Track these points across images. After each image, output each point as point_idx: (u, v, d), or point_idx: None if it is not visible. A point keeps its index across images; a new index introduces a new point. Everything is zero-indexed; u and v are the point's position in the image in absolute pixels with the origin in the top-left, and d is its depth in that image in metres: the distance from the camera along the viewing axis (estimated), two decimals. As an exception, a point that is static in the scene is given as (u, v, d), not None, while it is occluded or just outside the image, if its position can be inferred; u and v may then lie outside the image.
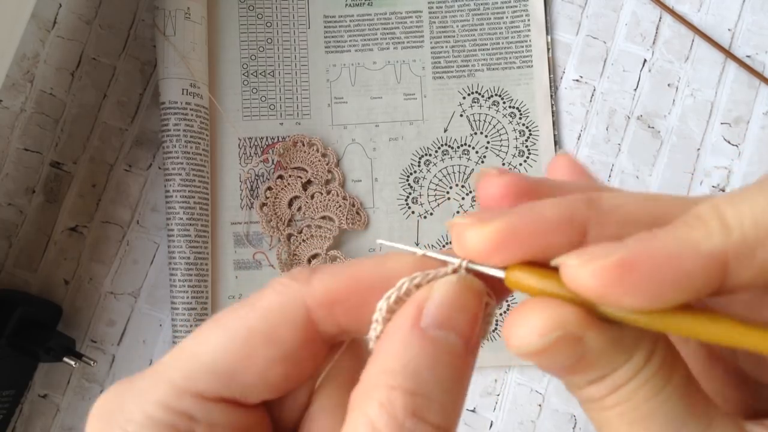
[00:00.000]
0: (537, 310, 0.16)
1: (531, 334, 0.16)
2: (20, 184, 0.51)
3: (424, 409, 0.16)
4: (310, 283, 0.18)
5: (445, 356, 0.16)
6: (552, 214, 0.16)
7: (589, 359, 0.16)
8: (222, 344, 0.17)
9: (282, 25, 0.53)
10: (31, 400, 0.50)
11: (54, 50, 0.52)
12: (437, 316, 0.17)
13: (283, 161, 0.51)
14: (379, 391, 0.16)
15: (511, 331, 0.16)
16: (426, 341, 0.16)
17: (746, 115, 0.51)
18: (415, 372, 0.16)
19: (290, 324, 0.18)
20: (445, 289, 0.17)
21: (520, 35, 0.52)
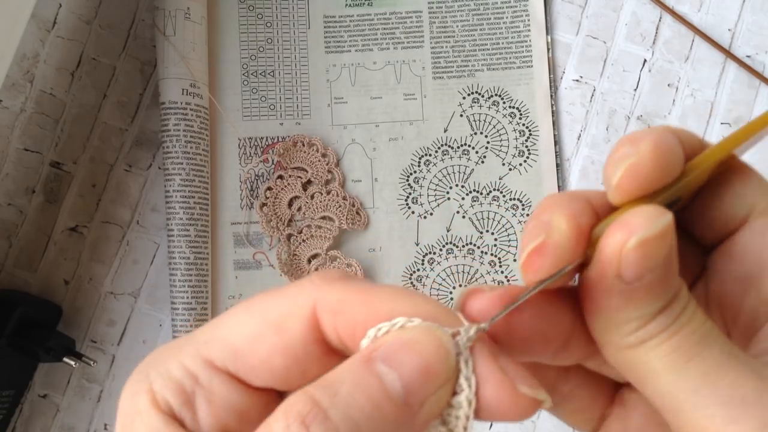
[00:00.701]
0: (642, 207, 0.17)
1: (651, 217, 0.17)
2: (20, 184, 0.51)
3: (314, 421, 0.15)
4: (330, 287, 0.18)
5: (373, 390, 0.15)
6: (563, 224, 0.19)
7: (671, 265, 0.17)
8: (241, 321, 0.18)
9: (282, 25, 0.53)
10: (31, 400, 0.50)
11: (54, 50, 0.52)
12: (386, 349, 0.16)
13: (283, 161, 0.51)
14: (296, 394, 0.16)
15: (629, 224, 0.17)
16: (364, 370, 0.16)
17: (746, 115, 0.51)
18: (332, 388, 0.15)
19: (297, 318, 0.18)
20: (402, 331, 0.16)
21: (520, 35, 0.52)
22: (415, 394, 0.15)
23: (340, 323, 0.18)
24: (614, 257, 0.17)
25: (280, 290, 0.19)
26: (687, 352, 0.17)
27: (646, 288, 0.17)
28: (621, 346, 0.18)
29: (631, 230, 0.17)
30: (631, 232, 0.17)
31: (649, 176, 0.18)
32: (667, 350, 0.17)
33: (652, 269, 0.17)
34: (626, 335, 0.18)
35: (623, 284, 0.17)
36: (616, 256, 0.17)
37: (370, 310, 0.17)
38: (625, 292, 0.17)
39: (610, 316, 0.18)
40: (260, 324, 0.18)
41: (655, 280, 0.17)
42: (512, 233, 0.51)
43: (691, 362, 0.17)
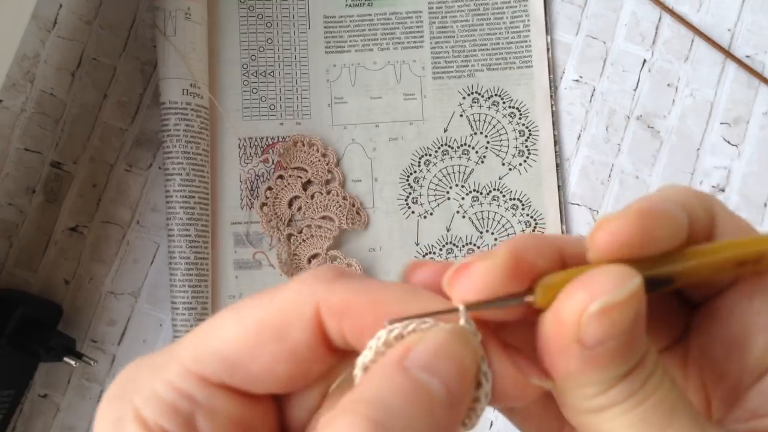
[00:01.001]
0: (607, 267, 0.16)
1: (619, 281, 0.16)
2: (20, 184, 0.51)
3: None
4: (330, 288, 0.18)
5: (422, 399, 0.16)
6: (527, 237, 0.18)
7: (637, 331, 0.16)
8: (233, 332, 0.17)
9: (282, 26, 0.53)
10: (31, 400, 0.50)
11: (54, 50, 0.52)
12: (422, 358, 0.16)
13: (283, 161, 0.51)
14: (345, 416, 0.15)
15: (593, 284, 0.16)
16: (405, 379, 0.16)
17: (746, 115, 0.51)
18: (386, 405, 0.15)
19: (300, 324, 0.17)
20: (436, 334, 0.17)
21: (519, 35, 0.52)
22: (458, 396, 0.16)
23: (347, 326, 0.17)
24: (572, 320, 0.16)
25: (271, 293, 0.18)
26: (653, 424, 0.16)
27: (608, 353, 0.16)
28: (580, 410, 0.17)
29: (594, 293, 0.16)
30: (593, 295, 0.16)
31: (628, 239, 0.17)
32: (630, 420, 0.16)
33: (615, 336, 0.16)
34: (585, 399, 0.17)
35: (582, 348, 0.16)
36: (574, 319, 0.16)
37: (378, 312, 0.17)
38: (584, 355, 0.16)
39: (567, 377, 0.17)
40: (257, 332, 0.17)
41: (619, 345, 0.16)
42: (512, 233, 0.51)
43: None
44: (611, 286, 0.16)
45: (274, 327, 0.17)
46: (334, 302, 0.17)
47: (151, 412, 0.17)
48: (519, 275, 0.17)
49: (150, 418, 0.17)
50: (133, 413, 0.17)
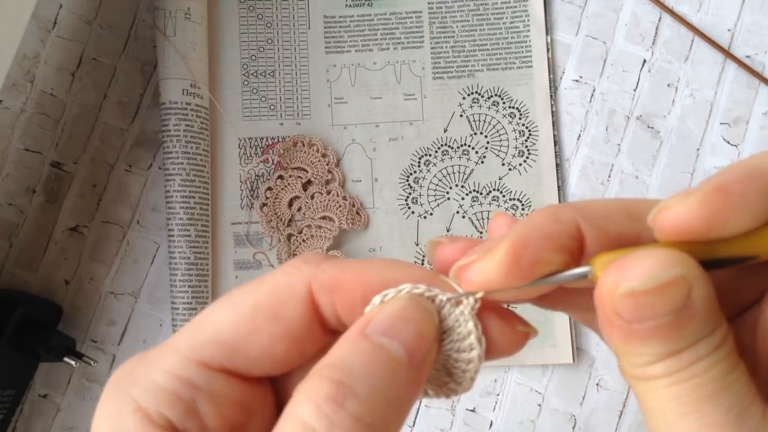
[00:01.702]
0: (655, 251, 0.16)
1: (652, 268, 0.16)
2: (21, 184, 0.51)
3: (346, 398, 0.16)
4: (319, 268, 0.19)
5: (383, 359, 0.17)
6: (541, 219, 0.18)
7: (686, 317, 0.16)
8: (229, 317, 0.18)
9: (282, 26, 0.53)
10: (31, 400, 0.50)
11: (54, 50, 0.52)
12: (381, 323, 0.17)
13: (283, 161, 0.51)
14: (312, 379, 0.16)
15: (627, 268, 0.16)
16: (366, 343, 0.17)
17: (746, 116, 0.51)
18: (347, 367, 0.16)
19: (294, 303, 0.18)
20: (393, 302, 0.18)
21: (519, 35, 0.52)
22: (416, 355, 0.17)
23: (339, 300, 0.18)
24: (608, 298, 0.16)
25: (262, 278, 0.19)
26: (687, 405, 0.16)
27: (649, 332, 0.16)
28: (627, 373, 0.18)
29: (625, 276, 0.16)
30: (623, 278, 0.16)
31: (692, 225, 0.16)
32: (667, 396, 0.16)
33: (653, 317, 0.16)
34: (631, 366, 0.17)
35: (623, 322, 0.16)
36: (609, 297, 0.16)
37: (366, 283, 0.18)
38: (625, 328, 0.16)
39: (615, 344, 0.17)
40: (253, 315, 0.18)
41: (662, 326, 0.16)
42: (512, 233, 0.51)
43: (688, 416, 0.16)
44: (644, 273, 0.16)
45: (269, 308, 0.18)
46: (325, 279, 0.18)
47: (151, 402, 0.17)
48: (519, 271, 0.17)
49: (150, 407, 0.17)
50: (131, 405, 0.17)
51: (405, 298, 0.18)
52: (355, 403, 0.16)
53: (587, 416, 0.49)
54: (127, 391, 0.17)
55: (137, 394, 0.17)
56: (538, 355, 0.49)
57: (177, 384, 0.17)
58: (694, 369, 0.16)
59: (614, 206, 0.18)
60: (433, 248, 0.20)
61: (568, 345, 0.49)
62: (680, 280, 0.16)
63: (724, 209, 0.16)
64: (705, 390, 0.16)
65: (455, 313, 0.18)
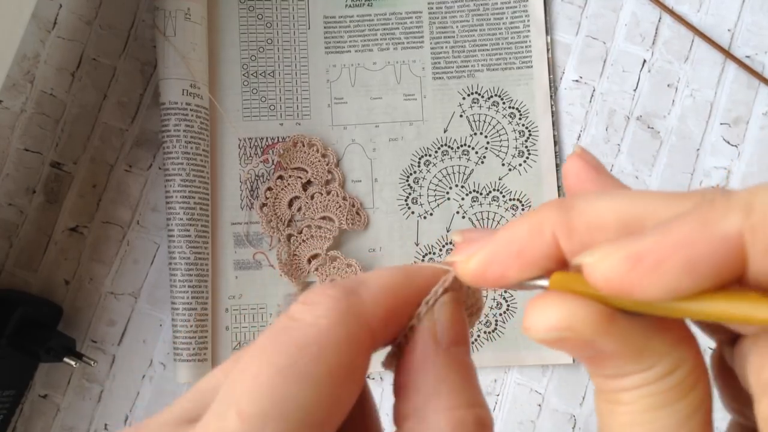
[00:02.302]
0: (553, 304, 0.16)
1: (542, 326, 0.16)
2: (21, 184, 0.51)
3: (485, 416, 0.17)
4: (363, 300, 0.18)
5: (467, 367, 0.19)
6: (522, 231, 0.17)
7: (602, 359, 0.16)
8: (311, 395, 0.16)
9: (282, 26, 0.53)
10: (31, 400, 0.50)
11: (54, 51, 0.52)
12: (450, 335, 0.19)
13: (283, 162, 0.51)
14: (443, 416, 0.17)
15: (529, 316, 0.17)
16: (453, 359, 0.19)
17: (746, 116, 0.51)
18: (461, 388, 0.18)
19: (364, 352, 0.17)
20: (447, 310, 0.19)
21: (519, 36, 0.52)
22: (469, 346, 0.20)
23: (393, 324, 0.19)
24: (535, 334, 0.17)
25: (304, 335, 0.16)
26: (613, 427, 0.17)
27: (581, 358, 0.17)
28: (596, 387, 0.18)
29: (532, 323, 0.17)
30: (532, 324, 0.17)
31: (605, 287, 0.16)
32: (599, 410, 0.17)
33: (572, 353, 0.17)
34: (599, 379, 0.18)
35: None
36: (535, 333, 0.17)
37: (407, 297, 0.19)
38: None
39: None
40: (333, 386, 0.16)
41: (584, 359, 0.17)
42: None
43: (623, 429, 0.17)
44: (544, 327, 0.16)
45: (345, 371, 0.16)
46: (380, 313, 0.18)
47: None
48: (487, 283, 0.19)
49: None
50: None
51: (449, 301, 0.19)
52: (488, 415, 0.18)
53: (587, 416, 0.49)
54: None
55: None
56: (538, 355, 0.49)
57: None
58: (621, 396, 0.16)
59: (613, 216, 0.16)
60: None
61: (568, 345, 0.49)
62: (567, 340, 0.16)
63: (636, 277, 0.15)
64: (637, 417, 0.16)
65: None
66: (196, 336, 0.48)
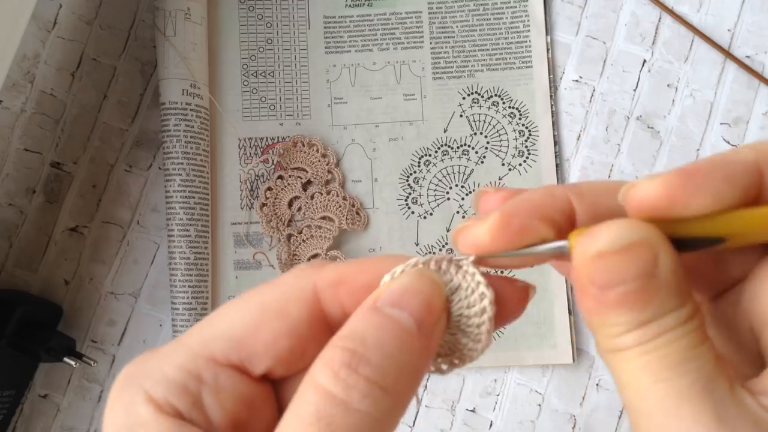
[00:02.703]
0: (622, 220, 0.17)
1: (618, 232, 0.17)
2: (21, 184, 0.51)
3: (360, 364, 0.17)
4: (324, 268, 0.20)
5: (393, 329, 0.18)
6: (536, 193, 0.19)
7: (653, 286, 0.17)
8: (238, 315, 0.19)
9: (282, 26, 0.53)
10: (31, 400, 0.50)
11: (54, 51, 0.52)
12: (391, 295, 0.18)
13: (283, 161, 0.51)
14: (325, 350, 0.18)
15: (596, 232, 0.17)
16: (377, 315, 0.18)
17: (746, 116, 0.51)
18: (359, 337, 0.17)
19: (300, 300, 0.19)
20: (402, 276, 0.19)
21: (519, 36, 0.52)
22: (426, 323, 0.18)
23: (344, 293, 0.19)
24: (581, 264, 0.18)
25: (271, 282, 0.20)
26: (656, 374, 0.17)
27: (619, 299, 0.17)
28: (602, 347, 0.18)
29: (594, 241, 0.17)
30: (593, 243, 0.17)
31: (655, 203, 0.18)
32: (637, 366, 0.17)
33: (622, 282, 0.17)
34: (605, 338, 0.18)
35: (596, 289, 0.17)
36: (582, 263, 0.18)
37: (370, 273, 0.20)
38: (598, 296, 0.17)
39: (589, 315, 0.18)
40: (261, 312, 0.19)
41: (631, 293, 0.17)
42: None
43: (657, 385, 0.17)
44: (610, 237, 0.17)
45: (275, 306, 0.19)
46: (330, 276, 0.20)
47: (161, 393, 0.18)
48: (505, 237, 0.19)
49: (160, 397, 0.18)
50: (143, 396, 0.18)
51: (412, 272, 0.19)
52: (368, 369, 0.17)
53: (587, 416, 0.49)
54: (139, 383, 0.18)
55: (148, 386, 0.18)
56: (538, 356, 0.49)
57: (186, 377, 0.18)
58: (661, 339, 0.17)
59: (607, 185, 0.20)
60: (478, 198, 0.21)
61: (568, 345, 0.49)
62: (645, 242, 0.17)
63: (686, 189, 0.17)
64: (672, 360, 0.17)
65: (466, 280, 0.20)
66: (196, 336, 0.48)
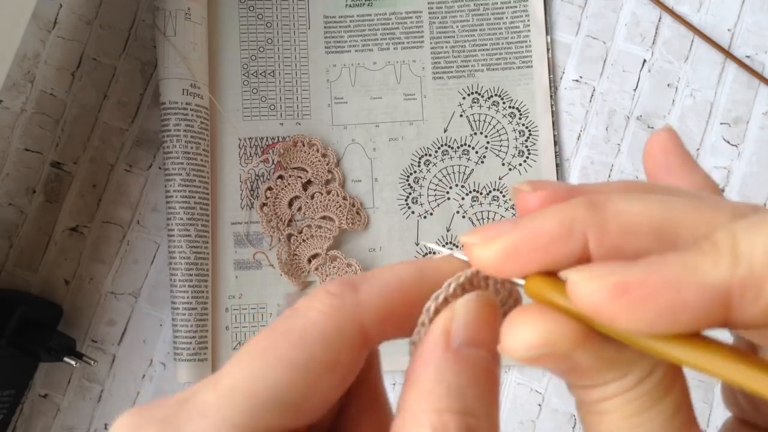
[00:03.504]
0: (531, 321, 0.16)
1: (521, 345, 0.16)
2: (21, 184, 0.51)
3: (476, 427, 0.16)
4: (360, 299, 0.18)
5: (481, 372, 0.17)
6: (551, 225, 0.16)
7: (579, 371, 0.16)
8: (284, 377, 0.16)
9: (282, 26, 0.53)
10: (31, 400, 0.50)
11: (54, 50, 0.52)
12: (466, 335, 0.17)
13: (283, 161, 0.51)
14: (427, 416, 0.16)
15: (506, 335, 0.16)
16: (461, 361, 0.17)
17: (746, 116, 0.51)
18: (459, 392, 0.16)
19: (350, 348, 0.17)
20: (468, 308, 0.18)
21: (519, 35, 0.52)
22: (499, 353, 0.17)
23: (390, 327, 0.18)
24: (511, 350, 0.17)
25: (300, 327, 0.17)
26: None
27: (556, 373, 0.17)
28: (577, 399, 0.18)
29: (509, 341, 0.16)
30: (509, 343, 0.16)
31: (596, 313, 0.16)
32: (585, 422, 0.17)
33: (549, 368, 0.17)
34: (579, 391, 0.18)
35: None
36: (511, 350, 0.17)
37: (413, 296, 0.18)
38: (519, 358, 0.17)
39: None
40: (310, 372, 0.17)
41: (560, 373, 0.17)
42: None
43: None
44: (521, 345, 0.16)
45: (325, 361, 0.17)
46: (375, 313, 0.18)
47: None
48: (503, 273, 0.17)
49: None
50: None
51: (474, 300, 0.18)
52: (484, 429, 0.16)
53: (587, 416, 0.49)
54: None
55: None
56: (538, 355, 0.49)
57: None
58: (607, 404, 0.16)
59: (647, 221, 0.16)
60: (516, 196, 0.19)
61: (568, 345, 0.49)
62: (546, 357, 0.16)
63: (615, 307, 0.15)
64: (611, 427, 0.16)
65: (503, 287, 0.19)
66: (196, 336, 0.48)
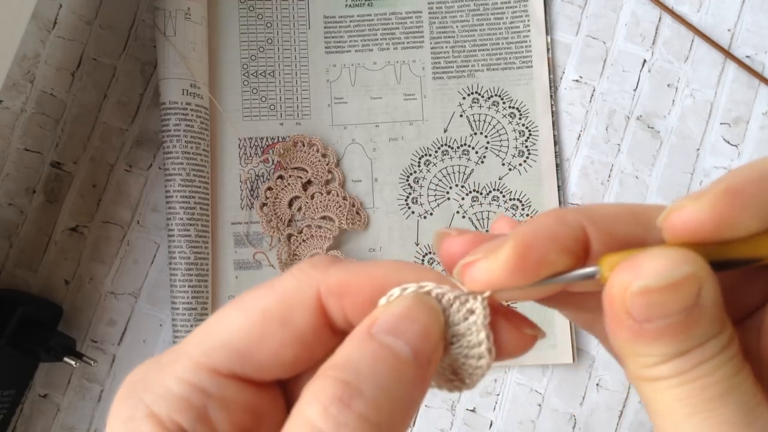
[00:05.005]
0: (667, 250, 0.16)
1: (665, 266, 0.16)
2: (21, 184, 0.51)
3: (353, 398, 0.16)
4: (327, 272, 0.19)
5: (389, 359, 0.17)
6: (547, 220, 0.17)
7: (695, 316, 0.16)
8: (239, 323, 0.18)
9: (282, 26, 0.53)
10: (31, 400, 0.50)
11: (54, 50, 0.52)
12: (387, 322, 0.17)
13: (283, 161, 0.51)
14: (318, 379, 0.17)
15: (639, 266, 0.16)
16: (372, 343, 0.17)
17: (746, 116, 0.51)
18: (353, 367, 0.16)
19: (304, 308, 0.18)
20: (399, 301, 0.18)
21: (519, 35, 0.52)
22: (422, 354, 0.17)
23: (348, 303, 0.18)
24: (619, 297, 0.16)
25: (271, 284, 0.19)
26: (695, 405, 0.16)
27: (658, 331, 0.16)
28: (634, 376, 0.17)
29: (637, 274, 0.16)
30: (636, 277, 0.16)
31: (702, 226, 0.16)
32: (674, 396, 0.16)
33: (663, 317, 0.16)
34: (639, 367, 0.17)
35: (633, 321, 0.16)
36: (620, 296, 0.16)
37: (375, 285, 0.18)
38: (635, 328, 0.16)
39: (623, 345, 0.17)
40: (263, 321, 0.18)
41: (672, 325, 0.16)
42: (512, 233, 0.51)
43: (696, 416, 0.16)
44: (656, 271, 0.16)
45: (279, 314, 0.18)
46: (334, 283, 0.19)
47: (164, 408, 0.17)
48: (524, 272, 0.17)
49: (163, 413, 0.17)
50: (144, 411, 0.17)
51: (410, 297, 0.18)
52: (361, 403, 0.16)
53: (587, 416, 0.49)
54: (140, 396, 0.17)
55: (150, 400, 0.17)
56: (538, 355, 0.49)
57: (189, 390, 0.18)
58: (701, 369, 0.16)
59: (620, 209, 0.18)
60: (441, 240, 0.20)
61: (568, 345, 0.49)
62: (692, 278, 0.16)
63: (734, 210, 0.16)
64: (713, 390, 0.16)
65: (468, 321, 0.18)
66: (196, 336, 0.48)
